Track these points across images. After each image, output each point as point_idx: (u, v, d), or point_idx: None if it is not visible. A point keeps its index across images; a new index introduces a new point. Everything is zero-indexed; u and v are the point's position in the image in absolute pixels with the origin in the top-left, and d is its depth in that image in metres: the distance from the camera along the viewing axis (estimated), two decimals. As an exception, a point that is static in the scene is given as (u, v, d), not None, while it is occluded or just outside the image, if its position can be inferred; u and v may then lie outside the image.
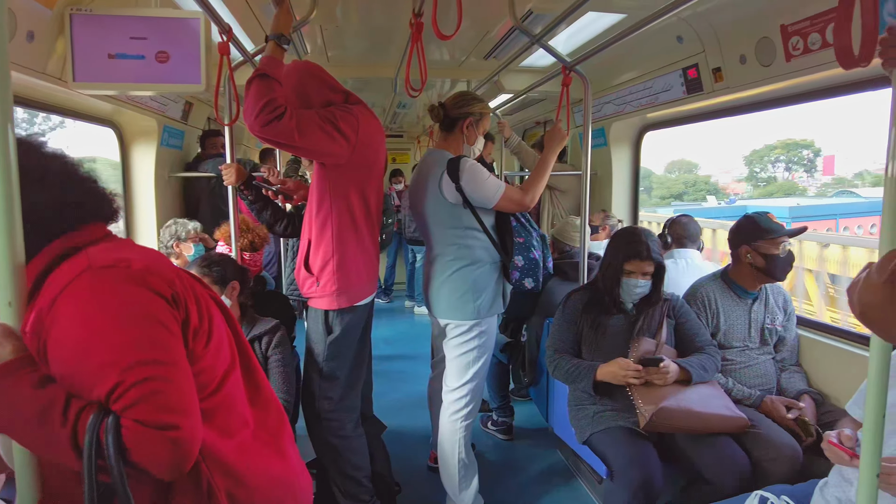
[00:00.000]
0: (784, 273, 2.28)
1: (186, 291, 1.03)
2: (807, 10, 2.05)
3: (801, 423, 2.11)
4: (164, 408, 0.90)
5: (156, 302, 0.97)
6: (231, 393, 1.11)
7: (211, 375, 1.06)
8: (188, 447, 0.92)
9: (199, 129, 4.17)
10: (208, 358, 1.06)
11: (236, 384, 1.14)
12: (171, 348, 0.96)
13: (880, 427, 1.12)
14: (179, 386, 0.94)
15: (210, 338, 1.07)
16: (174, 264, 1.12)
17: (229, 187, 2.37)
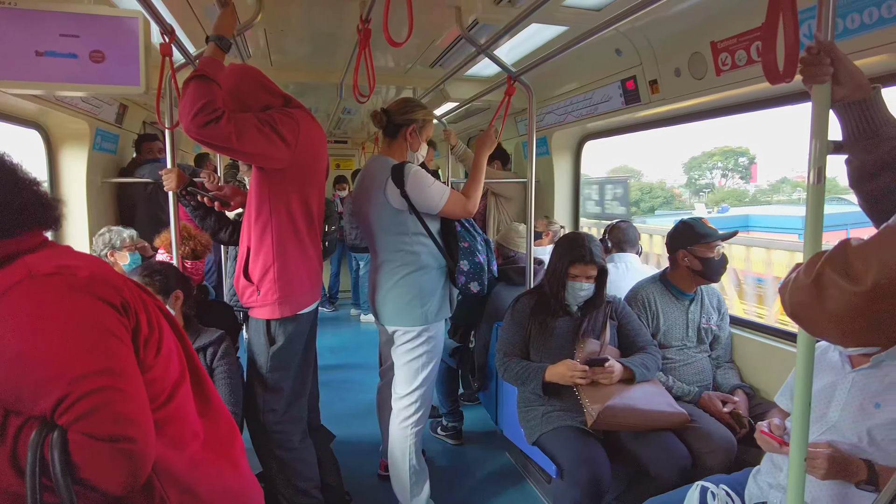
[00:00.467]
0: (719, 275, 2.41)
1: (135, 299, 0.99)
2: (734, 29, 2.19)
3: (735, 416, 2.23)
4: (115, 419, 0.86)
5: (103, 310, 0.93)
6: (181, 405, 1.08)
7: (161, 386, 1.03)
8: (142, 459, 0.88)
9: (135, 133, 4.00)
10: (158, 368, 1.02)
11: (186, 396, 1.10)
12: (122, 357, 0.92)
13: (807, 414, 1.21)
14: (132, 395, 0.90)
15: (160, 347, 1.03)
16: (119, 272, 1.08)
17: (169, 193, 2.29)
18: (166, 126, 2.23)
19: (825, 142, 1.15)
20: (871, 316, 0.80)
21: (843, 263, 0.82)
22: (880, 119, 1.14)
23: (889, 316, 0.80)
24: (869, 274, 0.78)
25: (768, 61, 1.16)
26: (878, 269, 0.77)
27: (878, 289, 0.77)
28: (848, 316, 0.83)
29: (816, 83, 1.14)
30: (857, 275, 0.79)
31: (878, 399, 1.49)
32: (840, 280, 0.81)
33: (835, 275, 0.82)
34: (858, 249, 0.81)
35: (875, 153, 1.15)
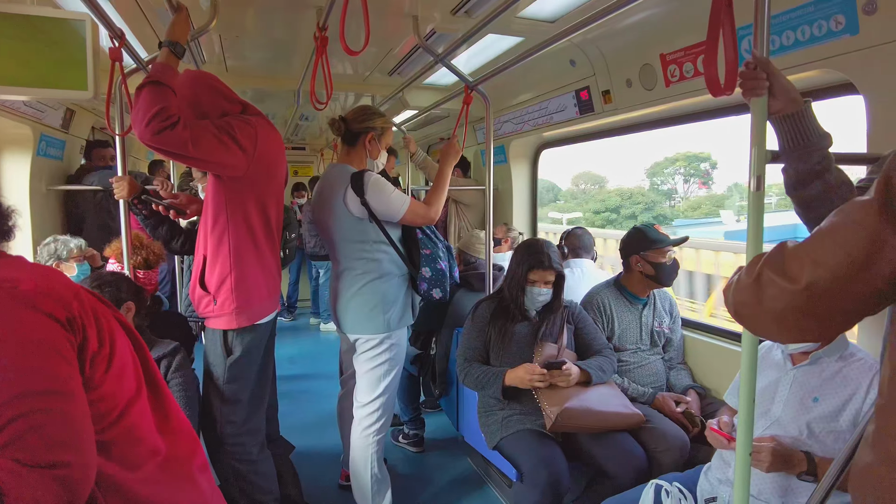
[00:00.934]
0: (671, 279, 2.50)
1: (85, 313, 0.95)
2: (681, 42, 2.29)
3: (688, 415, 2.31)
4: (50, 443, 0.80)
5: (46, 325, 0.88)
6: (136, 422, 1.03)
7: (111, 403, 0.98)
8: (78, 486, 0.82)
9: (83, 139, 3.86)
10: (108, 385, 0.98)
11: (142, 412, 1.06)
12: (63, 377, 0.86)
13: (752, 411, 1.27)
14: (71, 418, 0.84)
15: (111, 363, 0.98)
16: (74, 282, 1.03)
17: (120, 201, 2.22)
18: (116, 133, 2.17)
19: (763, 151, 1.22)
20: (808, 313, 0.86)
21: (781, 264, 0.87)
22: (811, 131, 1.22)
23: (824, 312, 0.85)
24: (803, 273, 0.83)
25: (710, 75, 1.22)
26: (811, 269, 0.82)
27: (811, 287, 0.82)
28: (786, 314, 0.88)
29: (754, 96, 1.21)
30: (793, 274, 0.84)
31: (817, 393, 1.58)
32: (778, 279, 0.86)
33: (773, 275, 0.87)
34: (794, 251, 0.87)
35: (807, 162, 1.23)
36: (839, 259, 0.80)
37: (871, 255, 0.77)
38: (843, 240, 0.80)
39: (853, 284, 0.80)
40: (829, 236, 0.83)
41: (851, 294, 0.81)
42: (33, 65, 2.01)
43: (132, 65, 2.28)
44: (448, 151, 2.45)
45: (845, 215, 0.82)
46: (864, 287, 0.79)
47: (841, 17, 1.63)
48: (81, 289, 1.00)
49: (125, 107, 2.13)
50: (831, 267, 0.81)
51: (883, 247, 0.77)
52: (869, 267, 0.78)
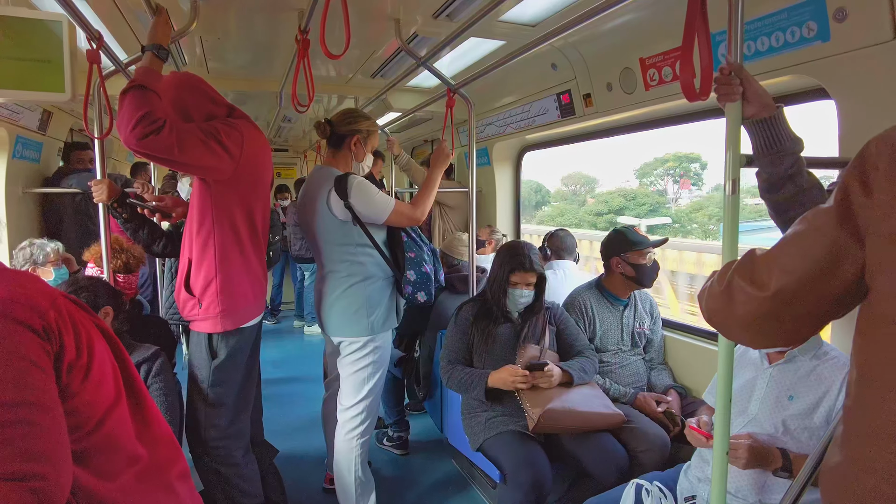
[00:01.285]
0: (651, 281, 2.53)
1: (62, 320, 0.94)
2: (660, 46, 2.32)
3: (668, 415, 2.34)
4: (25, 455, 0.78)
5: (19, 334, 0.86)
6: (114, 430, 1.02)
7: (89, 413, 0.97)
8: (53, 499, 0.80)
9: (61, 141, 3.81)
10: (86, 394, 0.96)
11: (121, 420, 1.05)
12: (38, 387, 0.85)
13: (728, 409, 1.29)
14: (46, 429, 0.83)
15: (89, 371, 0.97)
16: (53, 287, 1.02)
17: (99, 204, 2.20)
18: (95, 135, 2.14)
19: (738, 155, 1.25)
20: (777, 319, 0.88)
21: (750, 271, 0.90)
22: (783, 135, 1.25)
23: (792, 318, 0.88)
24: (772, 280, 0.86)
25: (686, 80, 1.24)
26: (778, 276, 0.85)
27: (779, 294, 0.85)
28: (756, 320, 0.91)
29: (728, 101, 1.24)
30: (762, 281, 0.87)
31: (792, 391, 1.61)
32: (747, 287, 0.89)
33: (743, 282, 0.90)
34: (762, 258, 0.89)
35: (780, 166, 1.26)
36: (805, 266, 0.83)
37: (834, 261, 0.80)
38: (807, 247, 0.83)
39: (818, 290, 0.83)
40: (794, 244, 0.85)
41: (817, 299, 0.83)
42: (9, 66, 1.97)
43: (111, 67, 2.25)
44: (439, 156, 2.46)
45: (808, 223, 0.85)
46: (828, 292, 0.82)
47: (813, 24, 1.66)
48: (59, 294, 0.99)
49: (103, 109, 2.10)
50: (797, 274, 0.83)
51: (844, 253, 0.79)
52: (833, 272, 0.81)
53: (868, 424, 0.80)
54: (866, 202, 0.77)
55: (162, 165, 2.33)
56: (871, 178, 0.77)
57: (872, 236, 0.77)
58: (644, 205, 34.53)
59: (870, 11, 1.53)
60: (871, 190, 0.77)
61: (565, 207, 37.48)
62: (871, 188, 0.77)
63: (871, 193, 0.76)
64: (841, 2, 1.59)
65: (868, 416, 0.80)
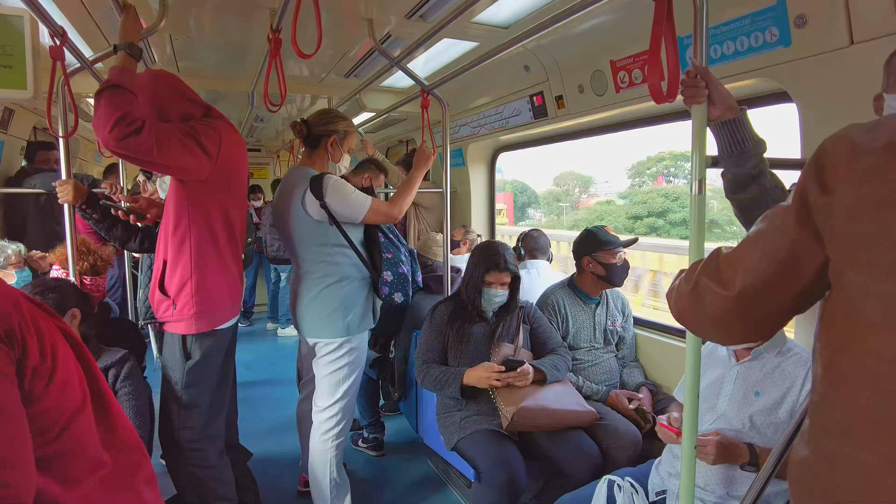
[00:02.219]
0: (622, 280, 2.57)
1: (25, 325, 0.91)
2: (630, 49, 2.36)
3: (640, 412, 2.38)
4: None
5: None
6: (79, 436, 1.00)
7: (53, 418, 0.95)
8: (17, 498, 0.81)
9: (23, 140, 3.70)
10: (49, 399, 0.94)
11: (85, 426, 1.03)
12: (1, 394, 0.85)
13: (696, 406, 1.32)
14: (8, 436, 0.82)
15: (53, 376, 0.95)
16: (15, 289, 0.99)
17: (64, 205, 2.15)
18: (60, 134, 2.09)
19: (704, 156, 1.28)
20: (742, 316, 0.91)
21: (716, 271, 0.92)
22: (747, 137, 1.28)
23: (758, 315, 0.90)
24: (736, 280, 0.88)
25: (654, 83, 1.27)
26: (742, 276, 0.87)
27: (744, 293, 0.87)
28: (723, 318, 0.93)
29: (695, 104, 1.27)
30: (727, 281, 0.89)
31: (758, 387, 1.65)
32: (714, 286, 0.91)
33: (709, 282, 0.92)
34: (727, 258, 0.91)
35: (744, 167, 1.29)
36: (767, 265, 0.85)
37: (795, 261, 0.83)
38: (768, 248, 0.85)
39: (781, 288, 0.85)
40: (756, 244, 0.88)
41: (780, 297, 0.86)
42: (-33, 62, 1.93)
43: (76, 64, 2.20)
44: (420, 157, 2.47)
45: (769, 222, 0.87)
46: (791, 290, 0.85)
47: (775, 30, 1.71)
48: (21, 297, 0.97)
49: (68, 107, 2.05)
50: (760, 273, 0.86)
51: (804, 252, 0.82)
52: (794, 272, 0.83)
53: (834, 420, 0.82)
54: (824, 201, 0.79)
55: (139, 166, 2.27)
56: (828, 178, 0.79)
57: (834, 236, 0.79)
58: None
59: (828, 18, 1.58)
60: (828, 189, 0.78)
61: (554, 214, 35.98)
62: (828, 188, 0.78)
63: (829, 193, 0.78)
64: (801, 8, 1.64)
65: (834, 412, 0.82)
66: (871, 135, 0.77)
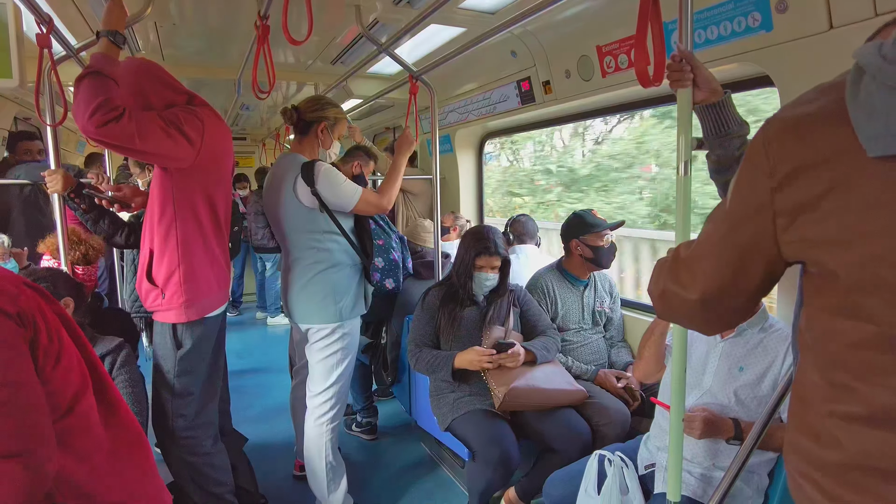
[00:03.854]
0: (609, 262, 2.61)
1: (32, 308, 0.94)
2: (616, 34, 2.38)
3: (628, 390, 2.44)
4: (12, 433, 0.81)
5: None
6: (84, 415, 1.03)
7: (60, 398, 0.98)
8: (42, 473, 0.84)
9: (4, 131, 3.65)
10: (57, 380, 0.97)
11: (89, 406, 1.06)
12: (20, 368, 0.87)
13: (682, 383, 1.38)
14: (30, 408, 0.85)
15: (59, 358, 0.98)
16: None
17: (52, 196, 2.14)
18: (48, 123, 2.08)
19: (689, 139, 1.32)
20: (710, 313, 0.92)
21: (678, 275, 0.94)
22: (731, 119, 1.33)
23: (725, 309, 0.91)
24: (696, 285, 0.89)
25: (640, 68, 1.30)
26: (701, 281, 0.89)
27: (705, 296, 0.89)
28: (695, 318, 0.96)
29: (680, 87, 1.31)
30: (687, 285, 0.91)
31: (742, 363, 1.71)
32: (678, 290, 0.93)
33: (674, 286, 0.94)
34: (684, 262, 0.93)
35: (728, 149, 1.34)
36: (721, 271, 0.86)
37: (748, 261, 0.83)
38: (717, 251, 0.86)
39: (740, 287, 0.86)
40: (708, 249, 0.88)
41: (741, 292, 0.87)
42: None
43: (62, 52, 2.18)
44: (403, 143, 2.47)
45: (715, 224, 0.88)
46: (750, 285, 0.86)
47: (757, 15, 1.75)
48: (21, 280, 0.99)
49: (56, 96, 2.03)
50: (716, 279, 0.87)
51: (756, 250, 0.82)
52: (749, 270, 0.84)
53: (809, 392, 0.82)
54: (772, 190, 0.77)
55: (120, 154, 2.25)
56: (775, 167, 0.76)
57: (789, 218, 0.76)
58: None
59: (808, 3, 1.62)
60: (773, 176, 0.76)
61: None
62: (772, 174, 0.76)
63: (774, 179, 0.76)
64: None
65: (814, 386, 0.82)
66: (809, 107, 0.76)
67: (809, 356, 0.82)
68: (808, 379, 0.81)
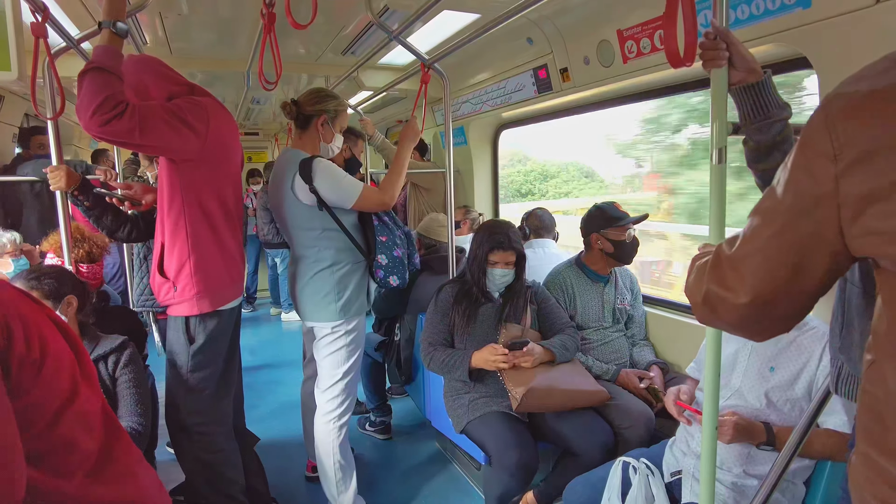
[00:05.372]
0: (630, 257, 2.51)
1: (9, 314, 0.87)
2: (638, 17, 2.26)
3: (651, 391, 2.34)
4: None
5: None
6: (70, 427, 0.97)
7: (41, 410, 0.91)
8: (9, 490, 0.77)
9: (15, 126, 3.62)
10: (39, 390, 0.90)
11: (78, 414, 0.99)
12: None
13: (717, 386, 1.27)
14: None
15: (41, 367, 0.91)
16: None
17: (57, 192, 2.09)
18: (48, 116, 2.02)
19: (724, 123, 1.21)
20: (766, 319, 0.81)
21: (722, 277, 0.82)
22: (771, 101, 1.21)
23: (784, 316, 0.81)
24: (744, 287, 0.78)
25: (670, 47, 1.20)
26: (751, 283, 0.78)
27: (756, 299, 0.78)
28: (744, 324, 0.84)
29: (715, 67, 1.20)
30: (734, 287, 0.80)
31: (773, 363, 1.61)
32: (724, 294, 0.82)
33: (718, 289, 0.83)
34: (729, 262, 0.81)
35: (767, 134, 1.23)
36: (773, 270, 0.76)
37: (802, 257, 0.73)
38: (771, 249, 0.76)
39: (798, 286, 0.75)
40: (757, 244, 0.77)
41: (800, 293, 0.77)
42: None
43: (62, 44, 2.11)
44: (407, 133, 2.38)
45: (764, 218, 0.77)
46: (808, 284, 0.75)
47: (794, -10, 1.63)
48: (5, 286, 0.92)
49: (55, 88, 1.98)
50: (770, 280, 0.76)
51: (815, 247, 0.72)
52: (805, 268, 0.74)
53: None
54: (837, 176, 0.67)
55: (126, 148, 2.19)
56: (841, 150, 0.66)
57: (856, 208, 0.66)
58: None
59: (851, -25, 1.50)
60: (837, 160, 0.66)
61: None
62: (837, 158, 0.66)
63: (839, 164, 0.66)
64: (822, -34, 1.55)
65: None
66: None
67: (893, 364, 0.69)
68: (890, 390, 0.70)
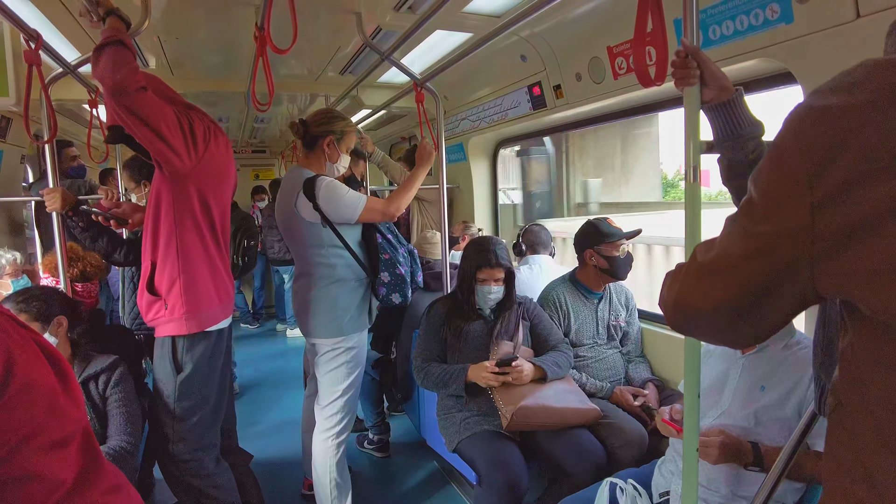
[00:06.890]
0: (625, 273, 2.48)
1: None
2: (626, 34, 2.27)
3: (646, 409, 2.31)
4: None
5: None
6: (38, 461, 0.94)
7: (2, 438, 0.89)
8: None
9: (23, 149, 3.69)
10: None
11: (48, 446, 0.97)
12: None
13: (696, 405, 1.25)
14: None
15: (5, 391, 0.90)
16: None
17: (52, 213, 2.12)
18: (41, 142, 2.06)
19: (698, 142, 1.20)
20: (735, 330, 0.77)
21: (697, 281, 0.78)
22: (743, 119, 1.20)
23: (751, 331, 0.76)
24: (713, 298, 0.74)
25: (640, 66, 1.20)
26: (719, 295, 0.73)
27: (728, 311, 0.73)
28: (715, 331, 0.80)
29: (686, 85, 1.20)
30: (708, 294, 0.75)
31: (764, 382, 1.58)
32: (694, 300, 0.78)
33: (689, 295, 0.79)
34: (703, 268, 0.77)
35: (741, 151, 1.22)
36: (735, 292, 0.71)
37: (767, 289, 0.68)
38: (738, 271, 0.70)
39: (754, 315, 0.72)
40: (725, 261, 0.73)
41: (755, 322, 0.73)
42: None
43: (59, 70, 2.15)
44: (423, 155, 2.41)
45: (732, 239, 0.72)
46: (764, 319, 0.72)
47: (776, 6, 1.63)
48: None
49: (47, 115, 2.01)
50: (732, 300, 0.72)
51: (776, 281, 0.66)
52: (764, 303, 0.69)
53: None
54: (813, 207, 0.59)
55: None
56: (818, 175, 0.58)
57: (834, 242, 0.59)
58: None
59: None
60: (813, 187, 0.59)
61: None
62: (812, 184, 0.59)
63: (815, 192, 0.59)
64: (802, -18, 1.55)
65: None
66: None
67: (867, 420, 0.64)
68: (862, 442, 0.65)
